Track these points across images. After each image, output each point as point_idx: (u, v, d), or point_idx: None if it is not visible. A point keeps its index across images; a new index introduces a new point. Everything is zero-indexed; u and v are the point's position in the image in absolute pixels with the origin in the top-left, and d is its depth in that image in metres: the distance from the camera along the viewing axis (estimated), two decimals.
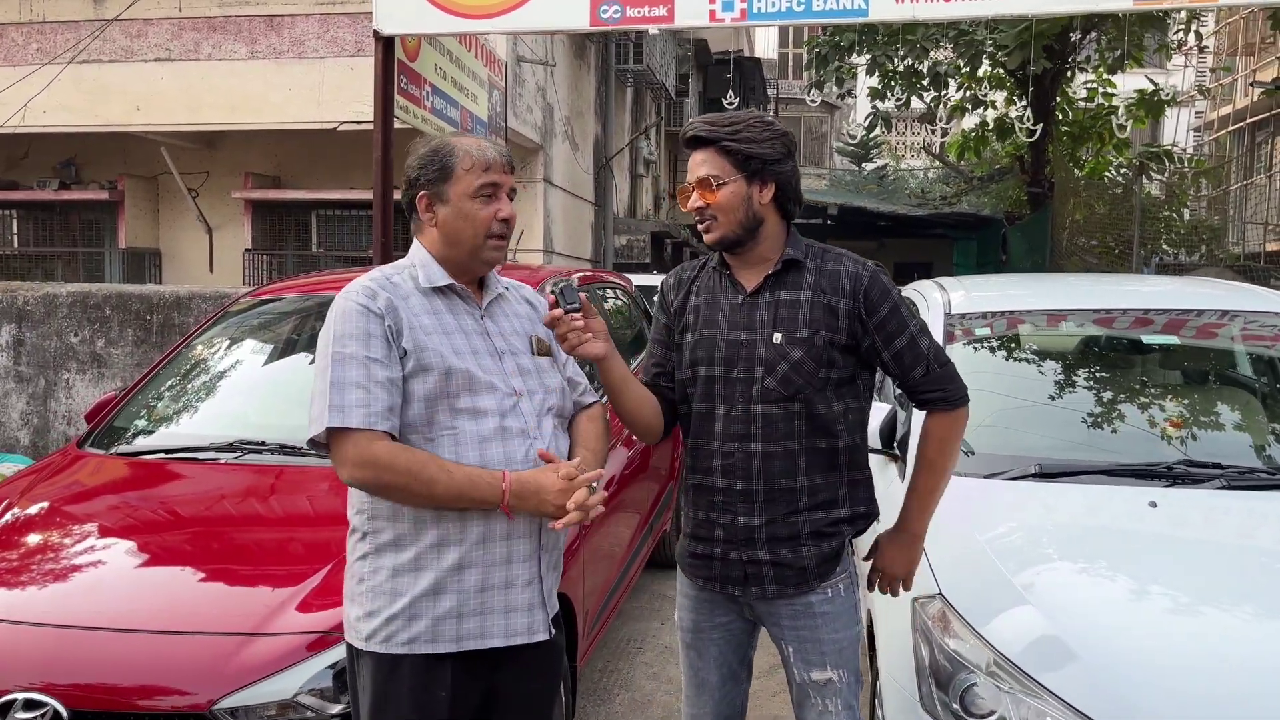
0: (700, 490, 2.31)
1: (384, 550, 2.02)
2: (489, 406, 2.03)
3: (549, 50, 11.13)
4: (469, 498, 1.95)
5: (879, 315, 2.22)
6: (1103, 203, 17.69)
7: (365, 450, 1.91)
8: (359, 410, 1.91)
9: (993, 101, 16.04)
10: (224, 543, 2.87)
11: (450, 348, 2.03)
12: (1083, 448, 3.15)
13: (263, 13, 9.61)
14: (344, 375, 1.93)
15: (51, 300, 6.58)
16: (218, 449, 3.29)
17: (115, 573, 2.69)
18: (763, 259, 2.27)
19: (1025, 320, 3.81)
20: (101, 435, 3.56)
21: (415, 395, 1.99)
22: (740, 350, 2.23)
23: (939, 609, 2.53)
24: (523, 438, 2.06)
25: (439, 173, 2.07)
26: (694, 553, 2.34)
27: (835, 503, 2.27)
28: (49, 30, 9.80)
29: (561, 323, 2.07)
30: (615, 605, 4.09)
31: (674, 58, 16.77)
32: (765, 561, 2.24)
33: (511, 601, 2.04)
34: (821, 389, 2.21)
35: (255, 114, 9.55)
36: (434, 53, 7.09)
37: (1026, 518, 2.81)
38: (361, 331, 1.97)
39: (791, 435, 2.21)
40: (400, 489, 1.94)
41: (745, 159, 2.18)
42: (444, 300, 2.11)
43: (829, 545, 2.25)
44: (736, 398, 2.23)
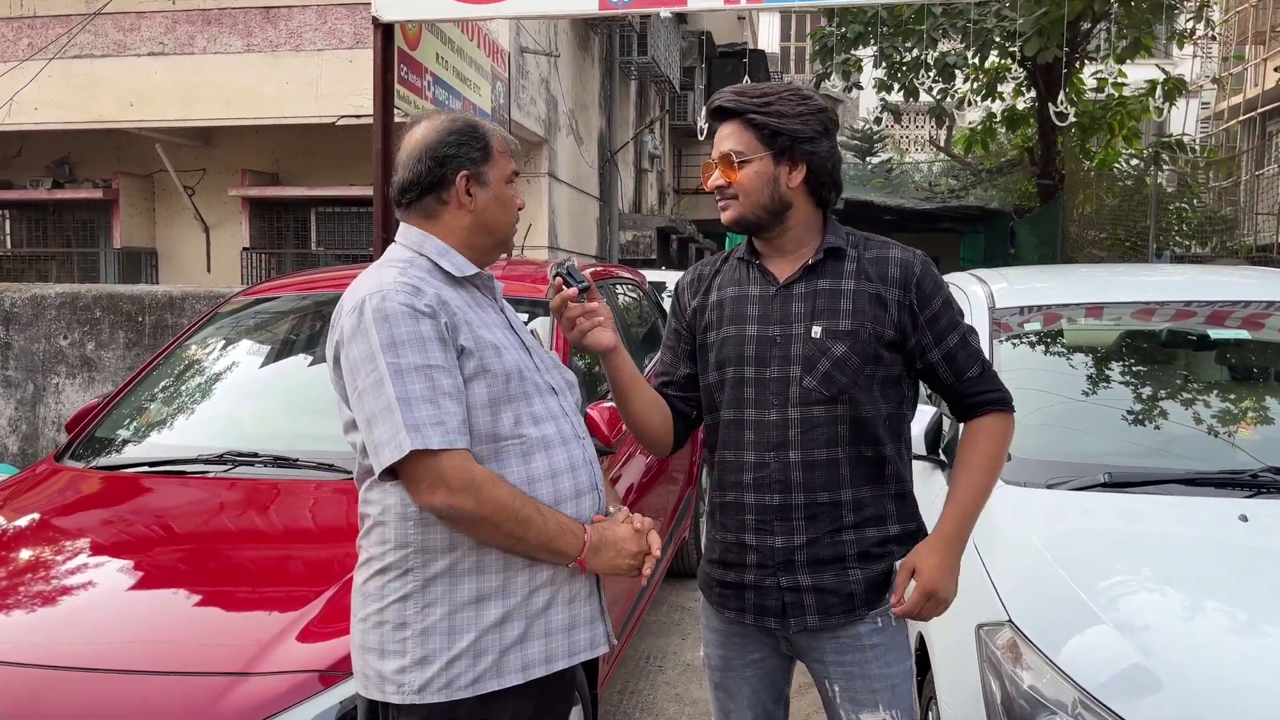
0: (729, 509, 2.03)
1: (433, 585, 1.73)
2: (543, 410, 1.82)
3: (552, 41, 10.86)
4: (552, 548, 1.76)
5: (931, 309, 1.97)
6: (1113, 194, 17.44)
7: (466, 471, 1.66)
8: (435, 428, 1.65)
9: (1001, 94, 15.81)
10: (212, 568, 2.61)
11: (502, 342, 1.81)
12: (1149, 453, 2.88)
13: (259, 4, 9.35)
14: (406, 390, 1.65)
15: (40, 301, 6.32)
16: (206, 461, 3.02)
17: (89, 605, 2.42)
18: (798, 246, 2.02)
19: (1075, 314, 3.54)
20: (82, 447, 3.30)
21: (477, 401, 1.74)
22: (773, 347, 1.97)
23: (1009, 638, 2.26)
24: (577, 441, 1.87)
25: (481, 153, 1.84)
26: (723, 581, 2.07)
27: (883, 519, 2.01)
28: (40, 25, 9.54)
29: (570, 305, 1.82)
30: (636, 620, 3.83)
31: (678, 50, 16.49)
32: (807, 588, 1.98)
33: (575, 617, 1.83)
34: (868, 389, 1.95)
35: (251, 109, 9.29)
36: (435, 41, 6.84)
37: (1100, 533, 2.54)
38: (414, 336, 1.68)
39: (834, 442, 1.95)
40: (492, 525, 1.70)
41: (773, 134, 1.92)
42: (468, 293, 1.86)
43: (878, 568, 1.99)
44: (771, 401, 1.96)
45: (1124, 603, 2.27)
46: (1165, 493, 2.63)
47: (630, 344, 4.33)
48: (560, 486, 1.80)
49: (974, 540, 2.62)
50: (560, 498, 1.79)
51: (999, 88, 15.64)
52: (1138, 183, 17.74)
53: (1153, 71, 15.02)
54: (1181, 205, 18.45)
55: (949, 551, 1.96)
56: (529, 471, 1.77)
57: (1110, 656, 2.10)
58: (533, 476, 1.77)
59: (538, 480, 1.78)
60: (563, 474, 1.80)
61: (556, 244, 10.90)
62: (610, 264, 7.48)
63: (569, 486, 1.81)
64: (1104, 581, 2.34)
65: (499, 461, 1.75)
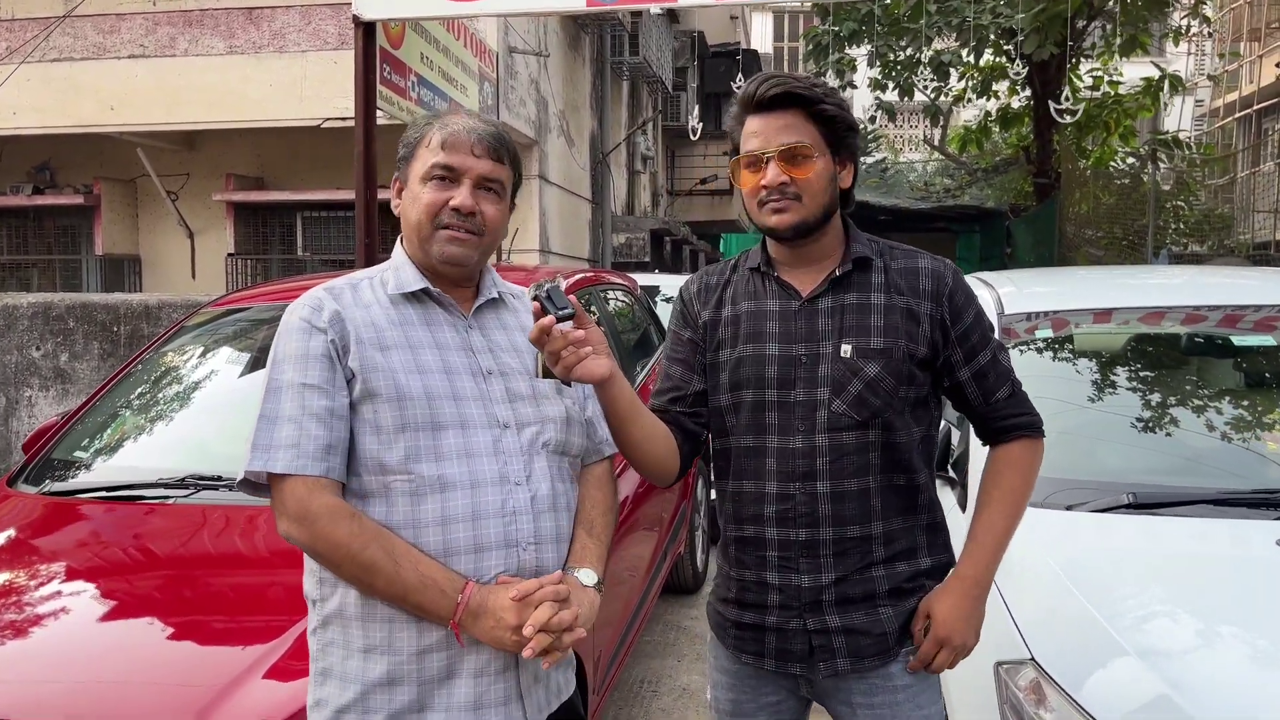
0: (747, 544, 1.84)
1: (330, 623, 1.62)
2: (455, 446, 1.61)
3: (542, 40, 10.67)
4: (413, 602, 1.55)
5: (963, 324, 1.80)
6: (1109, 193, 17.30)
7: (303, 502, 1.53)
8: (287, 451, 1.54)
9: (996, 92, 15.70)
10: (169, 604, 2.42)
11: (413, 366, 1.62)
12: (1175, 471, 2.70)
13: (241, 5, 9.15)
14: (276, 407, 1.57)
15: (11, 311, 6.11)
16: (168, 485, 2.83)
17: (26, 647, 2.22)
18: (821, 256, 1.83)
19: (1085, 319, 3.36)
20: (37, 470, 3.10)
21: (364, 428, 1.59)
22: (798, 368, 1.78)
23: (1032, 678, 2.08)
24: (499, 485, 1.62)
25: (406, 150, 1.73)
26: (740, 623, 1.88)
27: (914, 552, 1.84)
28: (18, 27, 9.33)
29: (553, 335, 1.58)
30: (630, 645, 3.64)
31: (670, 50, 16.32)
32: (836, 629, 1.79)
33: (483, 696, 1.61)
34: (901, 412, 1.78)
35: (234, 111, 9.09)
36: (420, 40, 6.64)
37: (1126, 560, 2.36)
38: (299, 352, 1.59)
39: (865, 471, 1.77)
40: (333, 564, 1.56)
41: (846, 128, 1.77)
42: (419, 309, 1.70)
43: (910, 603, 1.82)
44: (796, 427, 1.78)
45: (1152, 636, 2.09)
46: (1194, 514, 2.45)
47: (621, 354, 4.15)
48: (452, 536, 1.58)
49: None
50: (451, 549, 1.58)
51: (994, 86, 15.51)
52: (1134, 181, 17.61)
53: (1147, 69, 14.90)
54: (1179, 203, 18.34)
55: (967, 596, 1.79)
56: (416, 515, 1.58)
57: (1136, 693, 1.94)
58: (419, 520, 1.57)
59: (424, 525, 1.58)
60: (458, 522, 1.58)
61: (548, 247, 10.71)
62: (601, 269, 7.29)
63: (465, 538, 1.59)
64: (1131, 613, 2.16)
65: (387, 497, 1.58)
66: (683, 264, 18.50)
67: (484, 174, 1.70)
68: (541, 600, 1.56)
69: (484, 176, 1.70)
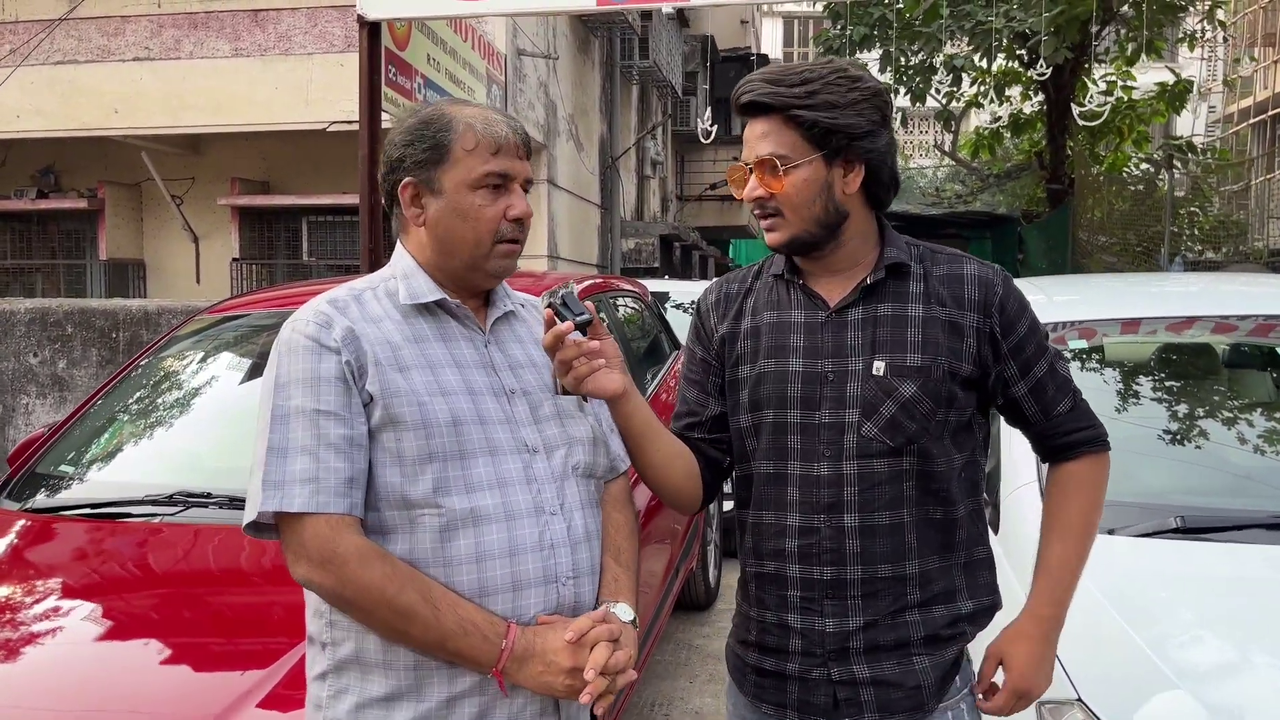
0: (767, 582, 1.67)
1: (346, 669, 1.45)
2: (485, 476, 1.46)
3: (551, 43, 10.54)
4: (452, 649, 1.39)
5: (1016, 335, 1.61)
6: (1123, 199, 17.13)
7: (328, 544, 1.37)
8: (304, 486, 1.37)
9: (1009, 97, 15.55)
10: (152, 629, 2.27)
11: (436, 389, 1.46)
12: (1224, 491, 2.54)
13: (247, 7, 9.04)
14: (286, 438, 1.39)
15: (8, 317, 5.99)
16: (155, 503, 2.69)
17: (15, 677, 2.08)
18: (850, 263, 1.65)
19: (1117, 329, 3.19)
20: (20, 485, 2.96)
21: (385, 458, 1.42)
22: (824, 386, 1.61)
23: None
24: (534, 516, 1.48)
25: (431, 152, 1.51)
26: (760, 669, 1.70)
27: (953, 594, 1.65)
28: (21, 29, 9.24)
29: (567, 344, 1.45)
30: (643, 663, 3.49)
31: (680, 54, 16.19)
32: (864, 681, 1.61)
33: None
34: (939, 437, 1.59)
35: (240, 115, 8.98)
36: (426, 42, 6.52)
37: (1177, 589, 2.19)
38: (309, 375, 1.41)
39: (900, 503, 1.59)
40: (363, 611, 1.39)
41: (825, 133, 1.55)
42: (432, 323, 1.54)
43: (948, 653, 1.63)
44: (822, 452, 1.60)
45: (1207, 673, 1.94)
46: (1248, 539, 2.29)
47: (631, 362, 4.00)
48: (489, 574, 1.43)
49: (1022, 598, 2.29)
50: (488, 589, 1.43)
51: (1006, 91, 15.36)
52: (1149, 187, 17.43)
53: (1162, 74, 14.74)
54: (1193, 210, 18.16)
55: (1044, 639, 1.63)
56: (447, 552, 1.42)
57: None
58: (451, 558, 1.42)
59: (457, 563, 1.42)
60: (495, 559, 1.43)
61: (556, 253, 10.57)
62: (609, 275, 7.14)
63: (502, 576, 1.44)
64: (1185, 649, 2.01)
65: (412, 534, 1.42)
66: (692, 270, 18.35)
67: (528, 176, 1.56)
68: (596, 640, 1.43)
69: (527, 179, 1.56)
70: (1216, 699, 1.84)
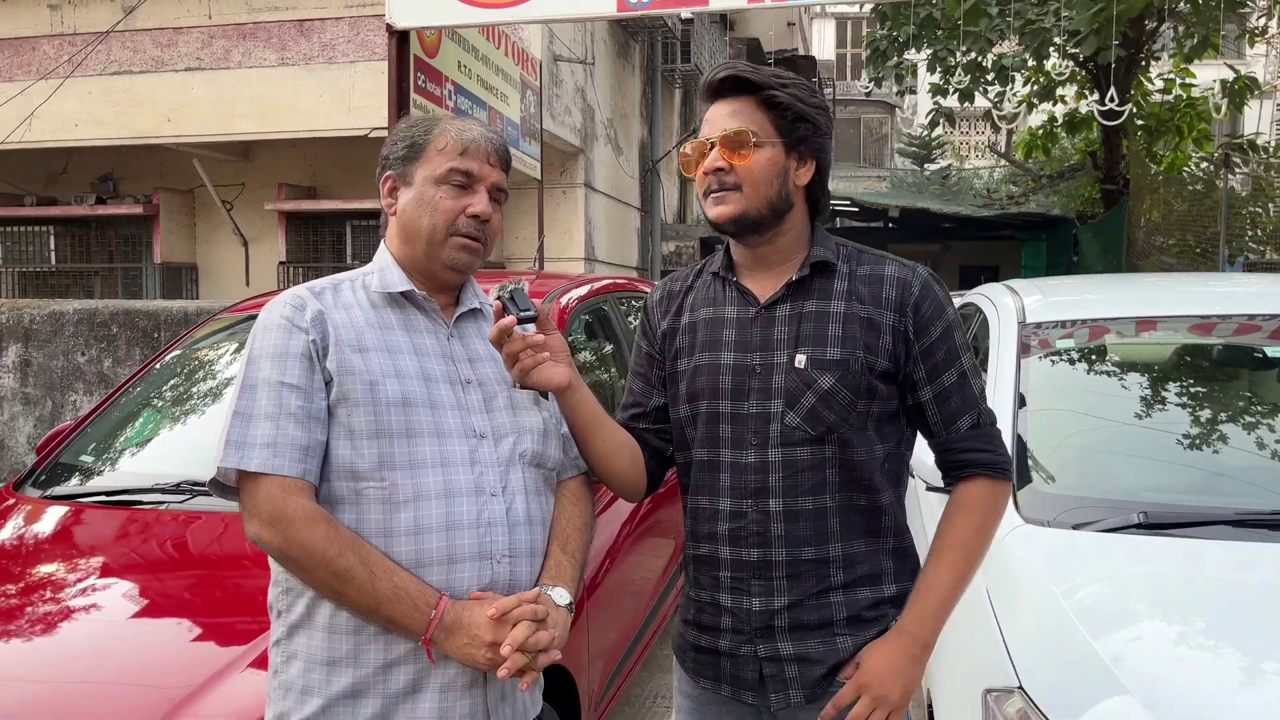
0: (703, 563, 1.76)
1: (296, 634, 1.58)
2: (430, 454, 1.57)
3: (588, 49, 10.66)
4: (385, 614, 1.51)
5: (928, 338, 1.68)
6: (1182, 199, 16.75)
7: (278, 503, 1.49)
8: (263, 450, 1.50)
9: (1063, 96, 15.30)
10: (148, 607, 2.42)
11: (391, 370, 1.59)
12: (1193, 489, 2.54)
13: (292, 18, 9.29)
14: (251, 404, 1.54)
15: (58, 318, 6.26)
16: (163, 490, 2.84)
17: (4, 649, 2.23)
18: (782, 259, 1.74)
19: (1115, 329, 3.20)
20: (44, 474, 3.14)
21: (339, 431, 1.55)
22: (752, 378, 1.69)
23: (1019, 708, 1.95)
24: (474, 496, 1.59)
25: (408, 150, 1.68)
26: (698, 645, 1.80)
27: (878, 577, 1.72)
28: (79, 42, 9.60)
29: (512, 337, 1.57)
30: (641, 655, 3.57)
31: (725, 58, 16.23)
32: (788, 658, 1.69)
33: (448, 711, 1.57)
34: (861, 427, 1.67)
35: (286, 122, 9.22)
36: (457, 49, 6.68)
37: (1133, 585, 2.21)
38: (279, 350, 1.56)
39: (823, 488, 1.67)
40: (305, 570, 1.51)
41: (794, 120, 1.66)
42: (399, 314, 1.68)
43: (870, 633, 1.70)
44: (749, 440, 1.69)
45: (1152, 669, 1.93)
46: (1211, 536, 2.29)
47: None
48: (425, 546, 1.54)
49: (987, 591, 2.33)
50: (424, 560, 1.54)
51: (1060, 90, 15.12)
52: (1208, 187, 17.03)
53: (1223, 71, 14.41)
54: (1255, 210, 17.68)
55: (904, 652, 1.65)
56: (389, 522, 1.54)
57: None
58: (391, 529, 1.54)
59: (397, 534, 1.54)
60: (432, 532, 1.54)
61: (594, 255, 10.69)
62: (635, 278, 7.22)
63: (438, 549, 1.55)
64: (1132, 644, 2.01)
65: (358, 504, 1.55)
66: None
67: (497, 183, 1.70)
68: (519, 619, 1.52)
69: (496, 185, 1.70)
70: (1158, 695, 1.85)
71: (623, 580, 3.34)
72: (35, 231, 11.22)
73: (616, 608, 3.27)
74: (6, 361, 6.32)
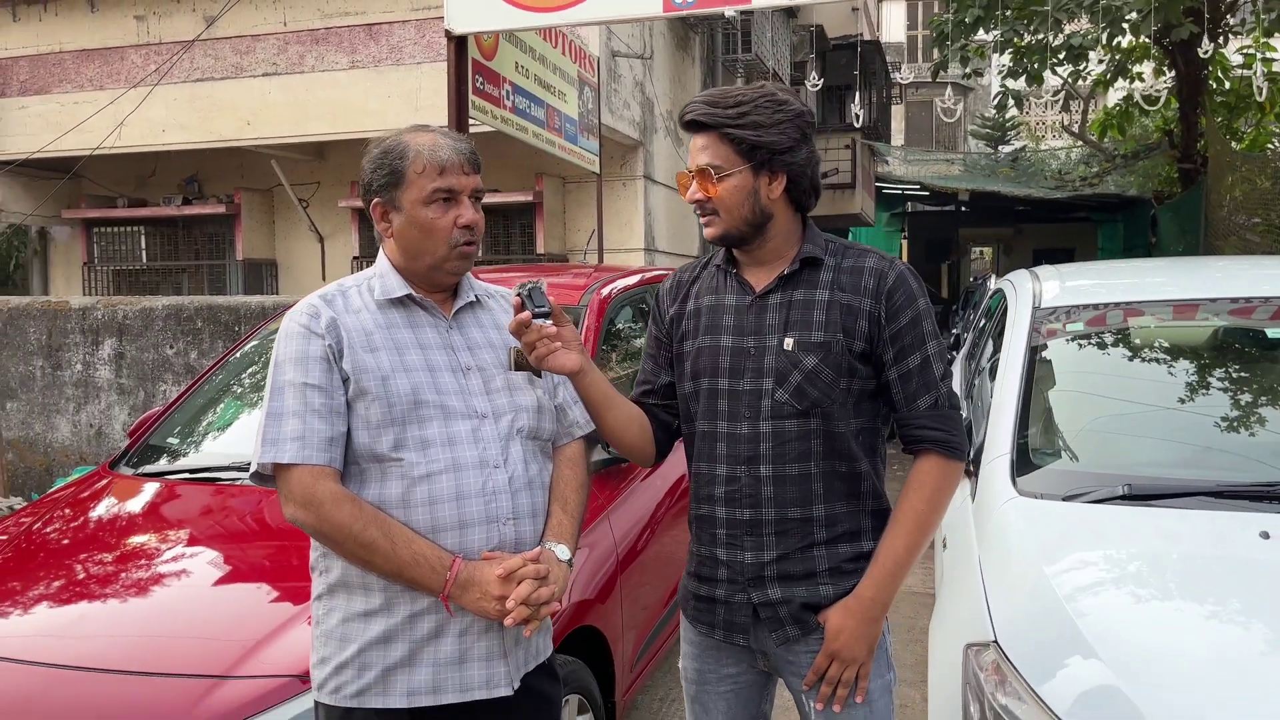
0: (703, 522, 2.02)
1: (335, 591, 1.84)
2: (438, 435, 1.82)
3: (646, 43, 10.87)
4: (408, 577, 1.76)
5: (897, 324, 1.90)
6: (1265, 177, 16.27)
7: (309, 488, 1.74)
8: (293, 443, 1.74)
9: (1139, 74, 14.96)
10: (220, 572, 2.72)
11: (400, 366, 1.83)
12: (1180, 464, 2.68)
13: (362, 22, 9.68)
14: (281, 405, 1.77)
15: (148, 314, 6.72)
16: (240, 469, 3.16)
17: (102, 606, 2.57)
18: (776, 256, 1.98)
19: (1124, 314, 3.32)
20: (135, 455, 3.50)
21: (359, 423, 1.80)
22: (747, 359, 1.94)
23: (993, 660, 2.14)
24: (479, 468, 1.83)
25: (390, 177, 1.87)
26: (697, 595, 2.06)
27: (857, 535, 1.96)
28: (165, 51, 10.14)
29: (529, 329, 1.81)
30: (665, 640, 3.79)
31: (788, 45, 16.26)
32: (778, 601, 1.94)
33: (468, 651, 1.82)
34: (842, 403, 1.90)
35: (356, 123, 9.61)
36: (514, 50, 6.94)
37: (1107, 551, 2.37)
38: (300, 355, 1.80)
39: (807, 456, 1.91)
40: (336, 543, 1.77)
41: (751, 148, 1.87)
42: (403, 313, 1.91)
43: (850, 584, 1.93)
44: (743, 413, 1.93)
45: (1119, 630, 2.08)
46: (1192, 506, 2.44)
47: None
48: (439, 514, 1.79)
49: (978, 554, 2.51)
50: (439, 527, 1.79)
51: (1137, 68, 14.80)
52: None
53: None
54: None
55: (863, 616, 1.90)
56: (407, 495, 1.79)
57: (1093, 687, 1.96)
58: (409, 500, 1.79)
59: (414, 505, 1.79)
60: (444, 502, 1.79)
61: (654, 246, 10.92)
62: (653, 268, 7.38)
63: (450, 516, 1.79)
64: (1101, 606, 2.17)
65: (382, 482, 1.79)
66: None
67: (475, 187, 1.90)
68: (524, 578, 1.77)
69: (475, 190, 1.90)
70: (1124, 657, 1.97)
71: (659, 553, 3.57)
72: (127, 231, 11.87)
73: (652, 579, 3.50)
74: (103, 354, 6.81)
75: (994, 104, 14.57)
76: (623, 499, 3.25)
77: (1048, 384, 3.01)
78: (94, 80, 10.38)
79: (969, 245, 32.52)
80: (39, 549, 2.86)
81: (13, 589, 2.63)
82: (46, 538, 2.91)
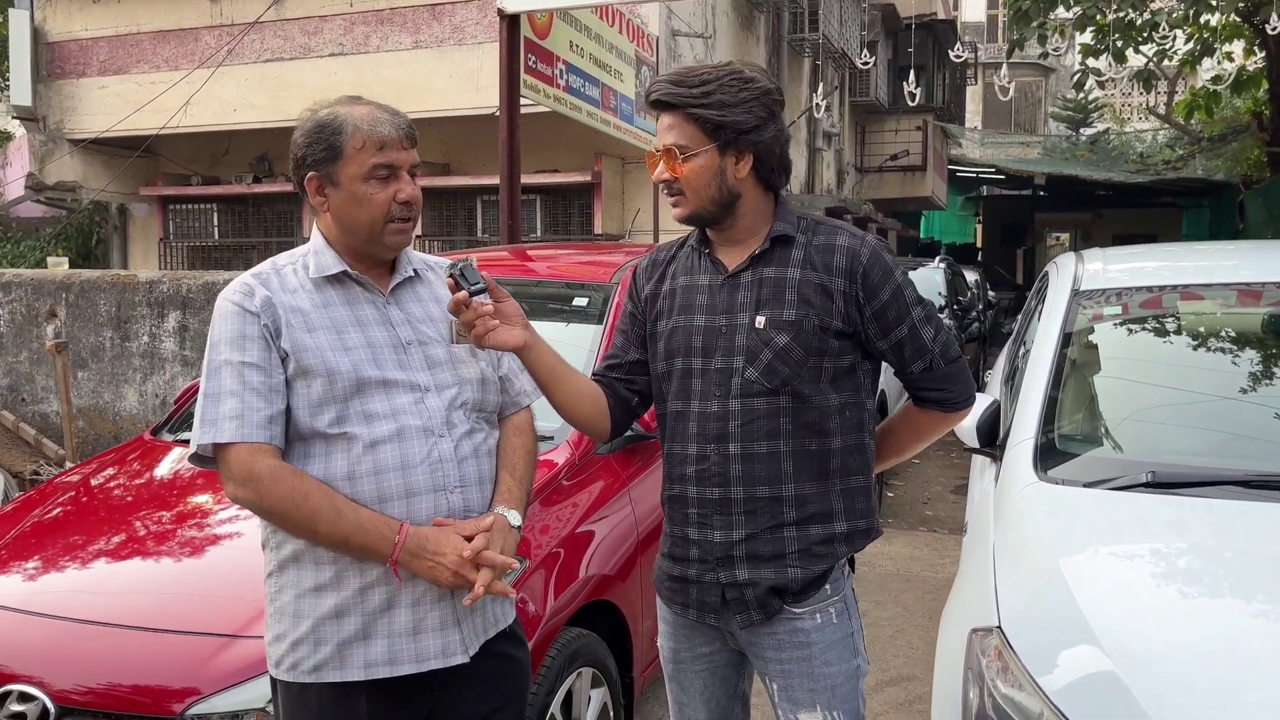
0: (675, 501, 2.01)
1: (286, 567, 1.83)
2: (382, 408, 1.80)
3: (709, 22, 10.79)
4: (355, 544, 1.75)
5: (878, 301, 1.88)
6: None
7: (248, 465, 1.72)
8: (231, 422, 1.73)
9: (1229, 53, 14.36)
10: (241, 536, 2.80)
11: (339, 344, 1.81)
12: (1210, 452, 2.58)
13: (425, 2, 9.79)
14: (218, 385, 1.76)
15: (211, 288, 6.91)
16: None
17: (127, 565, 2.66)
18: (748, 235, 1.95)
19: (1169, 297, 3.21)
20: (177, 422, 3.61)
21: (301, 401, 1.78)
22: (719, 337, 1.92)
23: (995, 645, 2.10)
24: (424, 436, 1.82)
25: (327, 152, 1.81)
26: (670, 575, 2.04)
27: (829, 516, 1.93)
28: (236, 31, 10.38)
29: (466, 308, 1.78)
30: None
31: (858, 24, 16.00)
32: (745, 583, 1.92)
33: (421, 621, 1.82)
34: (814, 380, 1.88)
35: (419, 102, 9.72)
36: (568, 29, 6.95)
37: (1124, 539, 2.30)
38: (236, 334, 1.77)
39: (776, 435, 1.89)
40: (280, 518, 1.76)
41: (716, 128, 1.85)
42: (340, 290, 1.87)
43: (819, 567, 1.92)
44: (713, 392, 1.92)
45: (1125, 620, 2.01)
46: (1218, 495, 2.35)
47: None
48: (385, 484, 1.78)
49: (993, 539, 2.46)
50: (385, 496, 1.78)
51: (1226, 47, 14.21)
52: None
53: None
54: None
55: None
56: (353, 467, 1.77)
57: (1094, 678, 1.90)
58: (355, 473, 1.77)
59: (360, 477, 1.77)
60: (389, 471, 1.78)
61: None
62: None
63: (396, 485, 1.78)
64: (1111, 595, 2.10)
65: (327, 456, 1.78)
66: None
67: (413, 163, 1.86)
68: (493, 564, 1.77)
69: (413, 165, 1.86)
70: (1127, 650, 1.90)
71: None
72: (201, 209, 12.20)
73: None
74: (168, 326, 7.02)
75: (1073, 82, 14.12)
76: (645, 476, 3.25)
77: (1080, 368, 2.93)
78: (170, 60, 10.67)
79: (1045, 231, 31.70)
80: (75, 511, 2.98)
81: (47, 547, 2.74)
82: (80, 501, 3.03)
